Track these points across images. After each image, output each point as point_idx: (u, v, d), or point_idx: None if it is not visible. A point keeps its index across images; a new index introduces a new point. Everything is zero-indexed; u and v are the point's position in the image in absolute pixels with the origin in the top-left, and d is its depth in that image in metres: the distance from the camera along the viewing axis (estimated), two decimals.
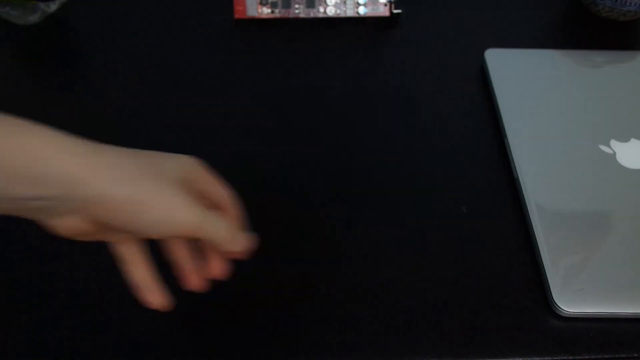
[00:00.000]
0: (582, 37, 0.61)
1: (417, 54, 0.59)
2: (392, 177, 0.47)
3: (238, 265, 0.42)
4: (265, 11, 0.61)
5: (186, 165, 0.31)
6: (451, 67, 0.57)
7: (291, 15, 0.62)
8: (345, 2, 0.61)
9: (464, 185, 0.47)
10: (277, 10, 0.62)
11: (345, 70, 0.56)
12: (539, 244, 0.40)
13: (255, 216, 0.35)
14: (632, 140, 0.44)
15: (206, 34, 0.60)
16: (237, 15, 0.61)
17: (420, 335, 0.38)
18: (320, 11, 0.62)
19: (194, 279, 0.33)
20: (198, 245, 0.33)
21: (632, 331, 0.38)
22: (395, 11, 0.62)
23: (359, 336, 0.38)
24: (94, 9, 0.62)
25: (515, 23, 0.63)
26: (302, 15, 0.62)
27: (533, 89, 0.49)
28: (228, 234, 0.30)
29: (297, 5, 0.61)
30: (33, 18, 0.59)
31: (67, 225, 0.28)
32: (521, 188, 0.43)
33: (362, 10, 0.62)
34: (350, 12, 0.62)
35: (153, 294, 0.32)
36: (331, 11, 0.62)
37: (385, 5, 0.62)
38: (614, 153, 0.44)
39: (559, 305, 0.37)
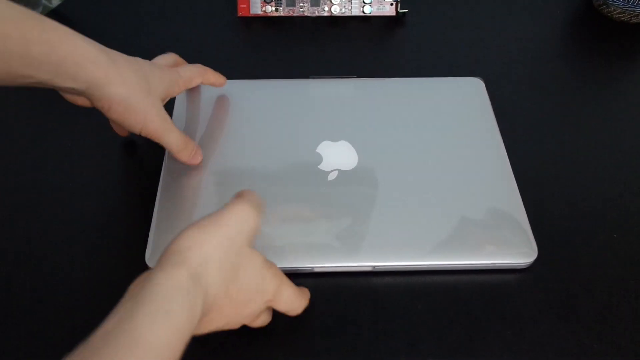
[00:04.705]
0: (594, 39, 0.60)
1: (423, 53, 0.58)
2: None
3: None
4: (269, 9, 0.61)
5: (170, 82, 0.43)
6: (456, 68, 0.56)
7: (296, 14, 0.61)
8: (350, 1, 0.61)
9: None
10: (281, 9, 0.61)
11: (351, 69, 0.55)
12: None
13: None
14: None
15: (209, 32, 0.60)
16: (240, 13, 0.61)
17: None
18: (325, 10, 0.61)
19: None
20: None
21: None
22: (401, 10, 0.61)
23: (360, 337, 0.37)
24: (97, 5, 0.62)
25: (525, 24, 0.62)
26: (306, 14, 0.61)
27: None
28: (178, 145, 0.42)
29: (301, 4, 0.61)
30: None
31: (80, 102, 0.43)
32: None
33: (367, 9, 0.61)
34: (355, 11, 0.61)
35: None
36: (336, 10, 0.61)
37: (392, 4, 0.61)
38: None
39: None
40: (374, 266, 0.40)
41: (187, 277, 0.29)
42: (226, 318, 0.33)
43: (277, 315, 0.37)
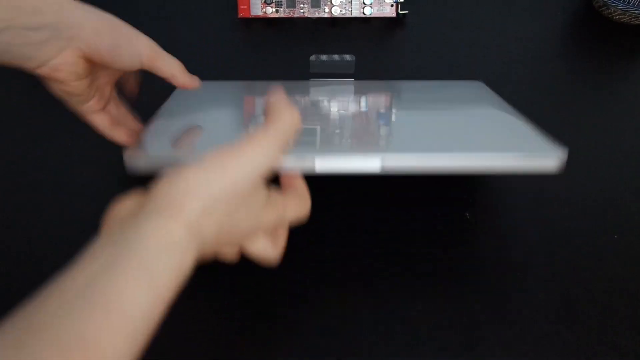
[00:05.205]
0: (594, 40, 0.60)
1: (423, 54, 0.58)
2: (396, 178, 0.47)
3: (232, 267, 0.41)
4: (270, 10, 0.61)
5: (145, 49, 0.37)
6: (456, 69, 0.56)
7: (296, 15, 0.61)
8: (351, 2, 0.61)
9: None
10: (281, 10, 0.61)
11: None
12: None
13: None
14: None
15: (209, 33, 0.60)
16: (241, 15, 0.61)
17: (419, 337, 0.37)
18: (326, 11, 0.61)
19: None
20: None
21: None
22: (401, 12, 0.61)
23: (359, 338, 0.37)
24: (97, 6, 0.62)
25: (525, 24, 0.62)
26: (307, 15, 0.61)
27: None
28: (179, 65, 0.39)
29: (302, 5, 0.61)
30: None
31: (63, 64, 0.34)
32: None
33: (368, 11, 0.61)
34: (355, 12, 0.61)
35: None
36: (336, 11, 0.61)
37: (392, 5, 0.61)
38: None
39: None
40: (382, 166, 0.35)
41: (183, 233, 0.25)
42: (214, 254, 0.30)
43: (276, 315, 0.37)
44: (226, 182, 0.26)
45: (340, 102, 0.43)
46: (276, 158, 0.29)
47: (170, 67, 0.38)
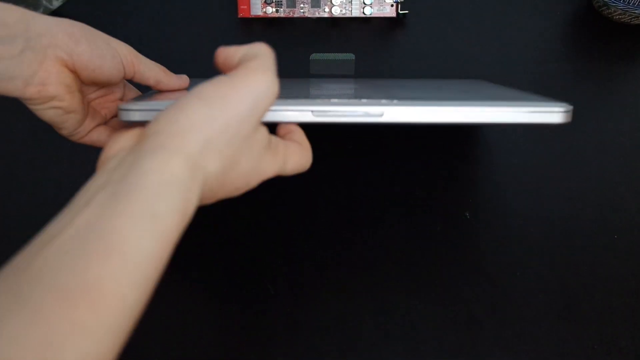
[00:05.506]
0: (594, 40, 0.60)
1: (423, 54, 0.58)
2: (397, 181, 0.47)
3: (232, 267, 0.41)
4: (270, 10, 0.61)
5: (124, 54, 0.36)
6: (456, 69, 0.56)
7: (296, 15, 0.61)
8: (351, 2, 0.61)
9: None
10: (281, 10, 0.61)
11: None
12: None
13: (253, 214, 0.34)
14: None
15: (210, 33, 0.60)
16: (241, 14, 0.61)
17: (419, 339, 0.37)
18: (326, 11, 0.61)
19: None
20: None
21: None
22: (401, 11, 0.61)
23: (358, 340, 0.37)
24: (97, 7, 0.62)
25: (525, 24, 0.62)
26: (307, 15, 0.61)
27: None
28: (163, 69, 0.37)
29: (302, 5, 0.61)
30: None
31: (49, 75, 0.31)
32: None
33: (368, 11, 0.61)
34: (356, 12, 0.61)
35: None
36: (336, 11, 0.61)
37: (392, 5, 0.61)
38: None
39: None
40: (382, 113, 0.32)
41: (185, 169, 0.23)
42: (215, 199, 0.28)
43: (277, 314, 0.37)
44: (228, 115, 0.25)
45: (341, 85, 0.44)
46: (275, 89, 0.28)
47: (152, 72, 0.37)
